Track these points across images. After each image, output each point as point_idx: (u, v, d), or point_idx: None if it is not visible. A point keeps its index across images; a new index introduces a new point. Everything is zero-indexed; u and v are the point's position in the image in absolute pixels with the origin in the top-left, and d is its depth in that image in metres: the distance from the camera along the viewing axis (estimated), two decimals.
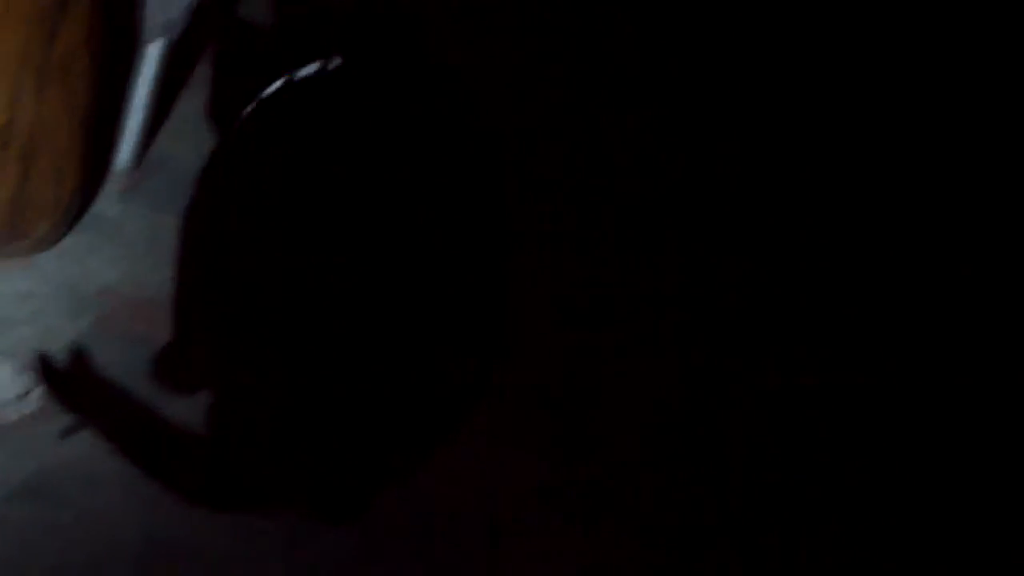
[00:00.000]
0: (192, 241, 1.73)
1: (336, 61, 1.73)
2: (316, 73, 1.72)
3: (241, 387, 1.66)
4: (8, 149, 1.65)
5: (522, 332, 1.87)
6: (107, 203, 1.88)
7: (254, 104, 1.71)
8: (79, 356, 1.71)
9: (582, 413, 1.85)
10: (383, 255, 1.62)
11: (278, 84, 1.71)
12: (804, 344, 2.00)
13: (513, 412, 1.80)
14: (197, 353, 1.70)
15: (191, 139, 1.99)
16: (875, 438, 1.90)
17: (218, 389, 1.65)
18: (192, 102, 2.03)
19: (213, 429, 1.64)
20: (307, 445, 1.62)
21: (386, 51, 1.88)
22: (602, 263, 2.05)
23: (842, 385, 1.96)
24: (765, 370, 1.96)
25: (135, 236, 1.86)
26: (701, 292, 2.04)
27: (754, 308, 2.03)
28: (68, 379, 1.71)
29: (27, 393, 1.65)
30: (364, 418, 1.62)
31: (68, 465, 1.61)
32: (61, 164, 1.71)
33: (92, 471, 1.61)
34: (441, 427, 1.70)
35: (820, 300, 2.06)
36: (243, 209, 1.68)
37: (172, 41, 1.85)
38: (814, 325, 2.03)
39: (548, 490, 1.75)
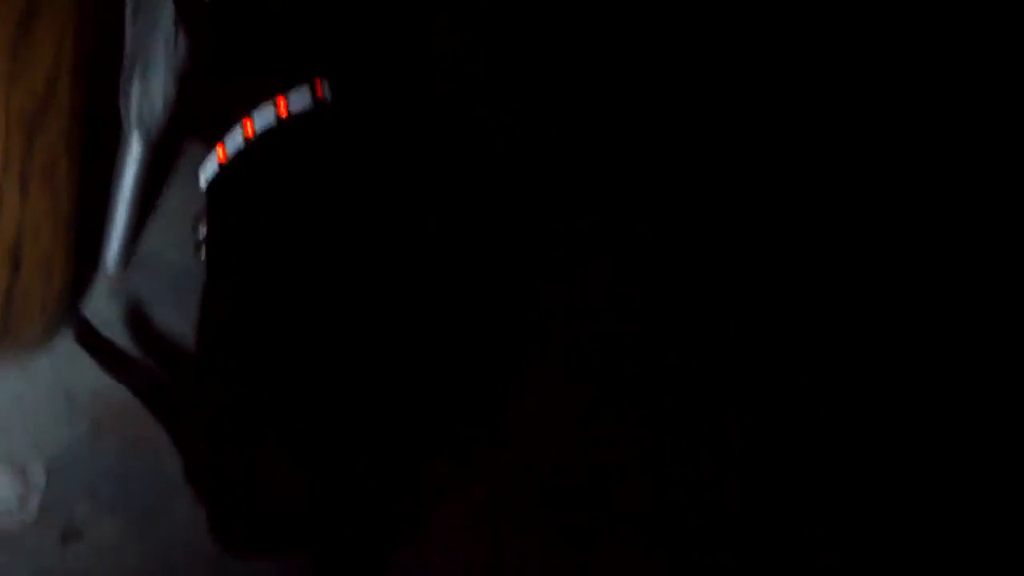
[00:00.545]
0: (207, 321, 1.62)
1: (327, 87, 1.56)
2: (308, 106, 1.54)
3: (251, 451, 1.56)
4: None
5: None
6: (97, 302, 1.88)
7: (242, 145, 1.55)
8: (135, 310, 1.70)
9: (582, 427, 1.85)
10: (393, 307, 1.51)
11: (265, 117, 1.54)
12: (804, 344, 2.01)
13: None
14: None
15: (178, 234, 1.99)
16: (875, 438, 1.90)
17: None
18: (177, 197, 2.04)
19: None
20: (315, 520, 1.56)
21: (384, 73, 1.72)
22: (601, 265, 2.06)
23: (842, 386, 1.96)
24: (764, 371, 1.96)
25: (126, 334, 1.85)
26: (701, 293, 2.05)
27: (754, 309, 2.04)
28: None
29: (25, 498, 1.64)
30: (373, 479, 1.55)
31: (68, 571, 1.58)
32: (48, 265, 1.71)
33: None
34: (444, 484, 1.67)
35: (820, 301, 2.08)
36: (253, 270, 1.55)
37: (154, 137, 1.86)
38: (814, 325, 2.04)
39: (549, 500, 1.75)
